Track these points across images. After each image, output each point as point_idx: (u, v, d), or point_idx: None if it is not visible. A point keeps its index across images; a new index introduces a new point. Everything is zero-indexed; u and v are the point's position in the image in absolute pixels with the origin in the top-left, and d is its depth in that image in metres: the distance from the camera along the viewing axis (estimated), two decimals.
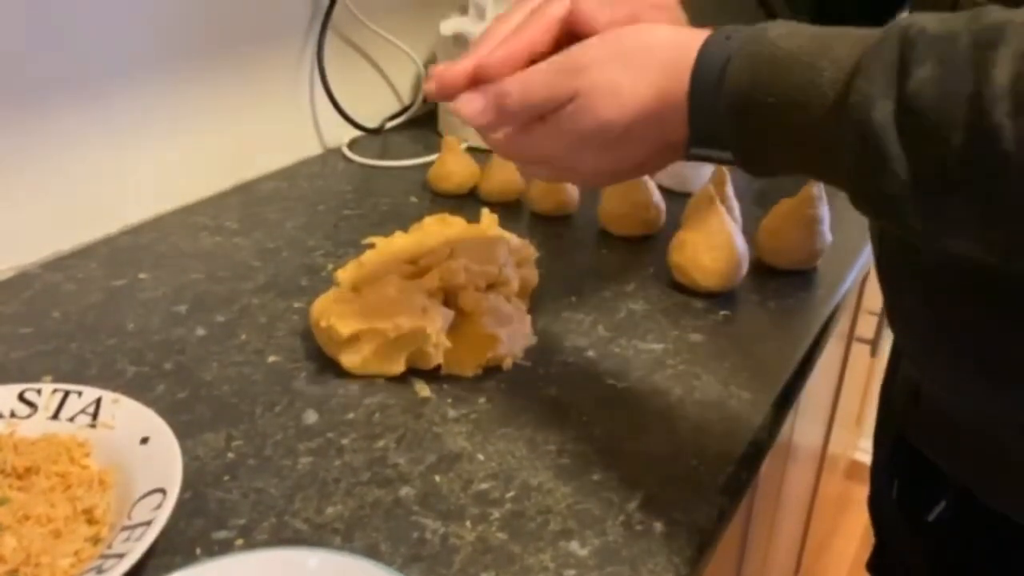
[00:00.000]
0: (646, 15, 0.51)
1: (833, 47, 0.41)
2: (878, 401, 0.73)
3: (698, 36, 0.47)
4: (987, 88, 0.36)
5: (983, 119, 0.36)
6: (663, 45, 0.47)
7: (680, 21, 0.54)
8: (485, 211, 0.79)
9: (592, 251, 0.90)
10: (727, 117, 0.45)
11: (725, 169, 0.88)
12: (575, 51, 0.48)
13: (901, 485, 0.67)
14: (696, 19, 0.55)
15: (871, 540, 0.74)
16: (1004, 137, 0.35)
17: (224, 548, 0.52)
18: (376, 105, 1.24)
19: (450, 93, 0.52)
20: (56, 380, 0.66)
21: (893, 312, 0.61)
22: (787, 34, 0.44)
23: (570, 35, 0.51)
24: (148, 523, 0.49)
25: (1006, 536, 0.56)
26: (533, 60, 0.50)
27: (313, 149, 1.16)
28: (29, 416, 0.59)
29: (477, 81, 0.51)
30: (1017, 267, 0.41)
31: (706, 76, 0.45)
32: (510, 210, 0.97)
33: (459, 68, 0.51)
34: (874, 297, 1.34)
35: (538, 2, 0.52)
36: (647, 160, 0.50)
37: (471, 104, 0.50)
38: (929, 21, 0.39)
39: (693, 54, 0.46)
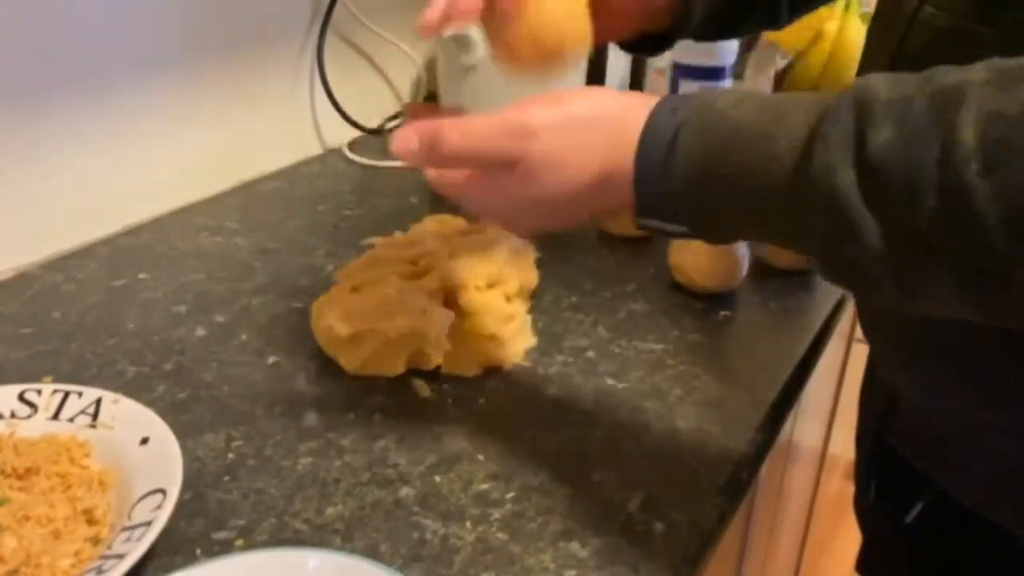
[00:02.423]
0: None
1: (785, 114, 0.41)
2: (858, 402, 0.73)
3: (644, 107, 0.46)
4: (954, 150, 0.36)
5: (955, 181, 0.36)
6: (608, 116, 0.46)
7: None
8: None
9: (592, 251, 0.90)
10: (679, 191, 0.44)
11: None
12: (525, 112, 0.47)
13: (879, 486, 0.67)
14: None
15: None
16: (978, 197, 0.35)
17: (224, 548, 0.52)
18: (376, 105, 1.24)
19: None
20: (56, 380, 0.66)
21: (865, 324, 0.62)
22: (735, 103, 0.43)
23: None
24: (148, 524, 0.49)
25: (983, 537, 0.56)
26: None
27: (313, 149, 1.16)
28: (29, 416, 0.59)
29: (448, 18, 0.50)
30: (1001, 324, 0.40)
31: (653, 151, 0.44)
32: None
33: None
34: None
35: None
36: (589, 219, 0.50)
37: (406, 143, 0.48)
38: (881, 85, 0.39)
39: (639, 126, 0.45)
